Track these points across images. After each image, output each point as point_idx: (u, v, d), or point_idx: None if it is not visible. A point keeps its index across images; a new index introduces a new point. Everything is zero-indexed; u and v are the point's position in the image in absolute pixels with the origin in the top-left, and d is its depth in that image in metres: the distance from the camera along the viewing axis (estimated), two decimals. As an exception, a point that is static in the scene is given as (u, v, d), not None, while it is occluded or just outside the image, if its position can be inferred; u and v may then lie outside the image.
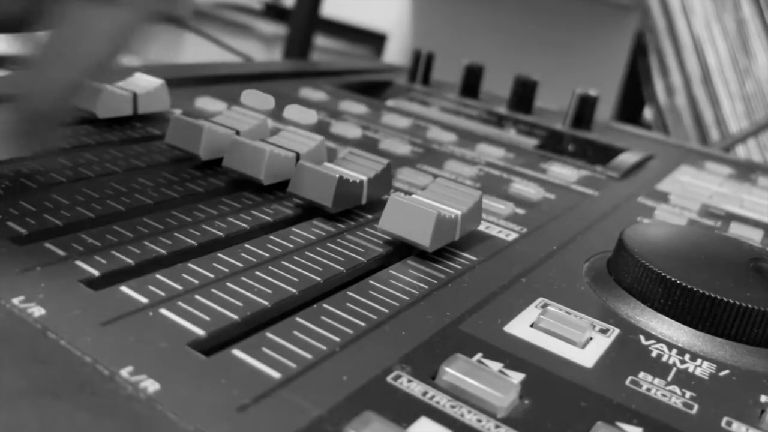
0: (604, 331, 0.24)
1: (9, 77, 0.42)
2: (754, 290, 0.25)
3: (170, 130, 0.33)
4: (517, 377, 0.20)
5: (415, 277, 0.25)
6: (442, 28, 1.16)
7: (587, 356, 0.22)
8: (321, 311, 0.22)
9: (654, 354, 0.23)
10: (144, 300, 0.21)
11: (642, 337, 0.24)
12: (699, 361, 0.23)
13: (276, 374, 0.18)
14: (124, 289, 0.21)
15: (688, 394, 0.21)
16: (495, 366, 0.21)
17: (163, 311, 0.20)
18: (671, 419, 0.19)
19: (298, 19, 0.91)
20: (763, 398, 0.21)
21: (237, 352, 0.19)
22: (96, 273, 0.22)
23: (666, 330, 0.24)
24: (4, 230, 0.23)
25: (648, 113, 1.02)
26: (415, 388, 0.19)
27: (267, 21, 1.82)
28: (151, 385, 0.17)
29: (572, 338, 0.23)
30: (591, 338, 0.23)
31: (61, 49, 0.22)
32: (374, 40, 1.58)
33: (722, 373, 0.22)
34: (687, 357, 0.23)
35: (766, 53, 0.90)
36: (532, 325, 0.23)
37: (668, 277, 0.25)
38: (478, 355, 0.21)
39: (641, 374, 0.21)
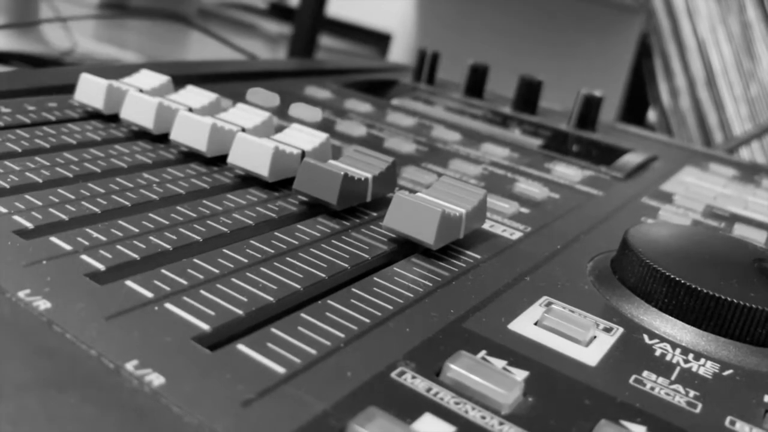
0: (607, 330, 0.24)
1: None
2: (758, 290, 0.25)
3: (176, 127, 0.33)
4: (521, 375, 0.20)
5: (420, 275, 0.25)
6: (446, 29, 1.16)
7: (591, 354, 0.22)
8: (325, 307, 0.22)
9: (658, 353, 0.23)
10: (149, 294, 0.21)
11: (646, 336, 0.24)
12: (703, 360, 0.23)
13: (281, 369, 0.18)
14: (129, 283, 0.21)
15: (692, 393, 0.21)
16: (499, 363, 0.21)
17: (168, 306, 0.20)
18: (675, 418, 0.19)
19: (303, 19, 0.91)
20: (766, 398, 0.21)
21: (242, 347, 0.19)
22: (101, 267, 0.22)
23: (670, 329, 0.24)
24: (10, 223, 0.24)
25: (652, 115, 1.02)
26: (420, 384, 0.19)
27: (272, 20, 1.83)
28: (156, 379, 0.17)
29: (576, 336, 0.23)
30: (595, 337, 0.23)
31: None
32: (379, 40, 1.58)
33: (726, 373, 0.22)
34: (691, 356, 0.23)
35: (771, 56, 0.89)
36: (536, 324, 0.23)
37: (672, 276, 0.25)
38: (482, 353, 0.21)
39: (645, 373, 0.21)
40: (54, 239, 0.23)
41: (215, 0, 1.88)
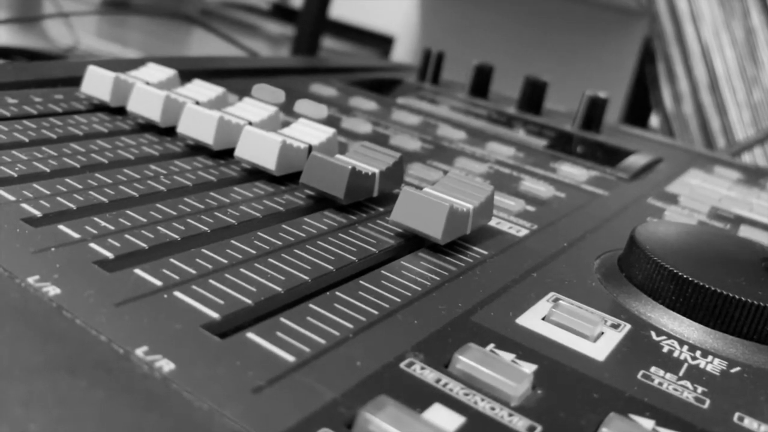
0: (615, 326, 0.24)
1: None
2: (765, 289, 0.24)
3: (183, 120, 0.33)
4: (529, 368, 0.20)
5: (427, 269, 0.25)
6: (449, 33, 1.16)
7: (599, 350, 0.22)
8: (334, 298, 0.22)
9: (665, 349, 0.23)
10: (158, 283, 0.21)
11: (653, 333, 0.24)
12: (710, 357, 0.23)
13: (290, 358, 0.18)
14: (138, 271, 0.21)
15: (700, 389, 0.21)
16: (507, 356, 0.21)
17: (177, 294, 0.20)
18: (683, 413, 0.19)
19: (306, 20, 0.91)
20: (774, 395, 0.21)
21: (251, 336, 0.19)
22: (110, 255, 0.22)
23: (677, 327, 0.24)
24: (18, 211, 0.23)
25: (654, 120, 1.02)
26: (429, 375, 0.19)
27: (274, 21, 1.83)
28: (166, 365, 0.17)
29: (584, 332, 0.23)
30: (602, 332, 0.23)
31: None
32: (381, 43, 1.58)
33: (733, 370, 0.22)
34: (698, 353, 0.23)
35: (775, 62, 0.89)
36: (543, 318, 0.23)
37: (680, 274, 0.24)
38: (491, 346, 0.21)
39: (653, 369, 0.21)
40: (62, 227, 0.23)
41: (218, 0, 1.89)
